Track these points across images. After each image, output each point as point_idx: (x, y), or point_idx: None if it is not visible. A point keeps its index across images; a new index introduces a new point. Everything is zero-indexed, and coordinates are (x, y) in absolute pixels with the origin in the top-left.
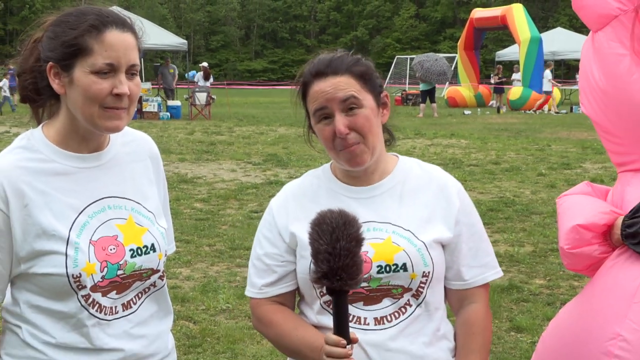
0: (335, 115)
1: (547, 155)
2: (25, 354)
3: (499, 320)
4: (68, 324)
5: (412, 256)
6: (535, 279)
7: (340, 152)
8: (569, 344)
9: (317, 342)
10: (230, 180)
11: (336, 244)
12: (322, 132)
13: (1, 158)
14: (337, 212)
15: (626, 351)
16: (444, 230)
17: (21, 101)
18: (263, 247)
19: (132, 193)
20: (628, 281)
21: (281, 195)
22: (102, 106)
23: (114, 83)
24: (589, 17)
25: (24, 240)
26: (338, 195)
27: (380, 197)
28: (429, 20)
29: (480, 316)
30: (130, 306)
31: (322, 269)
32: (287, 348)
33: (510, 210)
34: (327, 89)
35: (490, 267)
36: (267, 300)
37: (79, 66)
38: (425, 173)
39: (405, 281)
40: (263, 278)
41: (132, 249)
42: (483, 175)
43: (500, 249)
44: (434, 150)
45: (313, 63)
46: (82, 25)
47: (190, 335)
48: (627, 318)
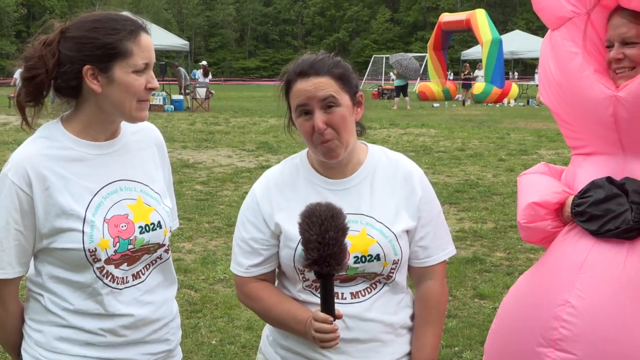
0: (315, 112)
1: (507, 143)
2: (46, 319)
3: (465, 289)
4: (84, 293)
5: (385, 247)
6: (496, 252)
7: (318, 145)
8: (525, 307)
9: (300, 315)
10: (227, 165)
11: (325, 234)
12: (302, 126)
13: (25, 147)
14: (325, 205)
15: (573, 316)
16: (409, 219)
17: (27, 101)
18: (249, 232)
19: (140, 176)
20: (576, 255)
21: (263, 183)
22: (138, 99)
23: (147, 78)
24: (547, 17)
25: (45, 219)
26: (315, 186)
27: (354, 189)
28: (402, 24)
29: (437, 292)
30: (140, 276)
31: (312, 257)
32: (273, 319)
33: (474, 191)
34: (309, 87)
35: (444, 248)
36: (252, 278)
37: (118, 67)
38: (391, 163)
39: (378, 269)
40: (249, 259)
41: (141, 226)
42: (450, 161)
43: (465, 225)
44: (407, 139)
45: (297, 63)
46: (121, 32)
47: (192, 302)
48: (575, 287)
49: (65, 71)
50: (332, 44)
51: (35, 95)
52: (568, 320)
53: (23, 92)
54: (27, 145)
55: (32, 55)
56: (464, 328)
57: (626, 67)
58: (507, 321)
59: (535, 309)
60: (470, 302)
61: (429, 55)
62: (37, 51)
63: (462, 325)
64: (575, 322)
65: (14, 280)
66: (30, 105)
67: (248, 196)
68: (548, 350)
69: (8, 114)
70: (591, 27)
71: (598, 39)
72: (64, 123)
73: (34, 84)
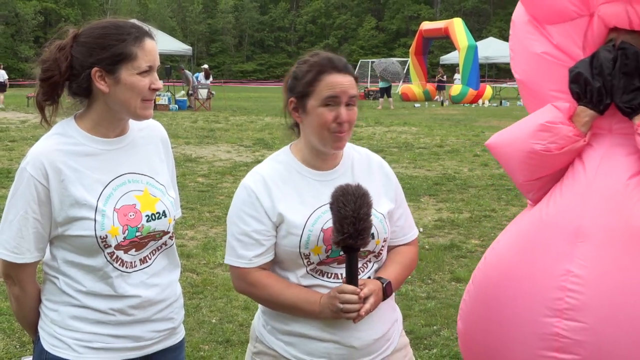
0: (341, 105)
1: (482, 140)
2: (61, 299)
3: (442, 273)
4: (96, 276)
5: (377, 227)
6: (472, 239)
7: (332, 134)
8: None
9: (312, 297)
10: (226, 159)
11: (360, 210)
12: (323, 114)
13: (42, 142)
14: (356, 185)
15: (579, 285)
16: (389, 202)
17: (44, 100)
18: (250, 225)
19: (147, 169)
20: (567, 222)
21: (258, 179)
22: (143, 99)
23: (151, 80)
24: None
25: (60, 209)
26: (306, 178)
27: (339, 179)
28: (387, 31)
29: (411, 251)
30: (146, 261)
31: (349, 231)
32: (282, 304)
33: (451, 184)
34: (345, 83)
35: (413, 227)
36: (255, 268)
37: (124, 69)
38: (362, 156)
39: (372, 247)
40: (252, 251)
41: (148, 215)
42: (429, 156)
43: (443, 215)
44: (390, 136)
45: (329, 58)
46: (128, 37)
47: (194, 284)
48: (575, 257)
49: (76, 73)
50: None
51: (50, 95)
52: (574, 290)
53: (40, 92)
54: (43, 141)
55: (48, 58)
56: (442, 309)
57: None
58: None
59: (532, 280)
60: (448, 285)
61: (410, 59)
62: (52, 55)
63: (440, 306)
64: (582, 290)
65: (32, 265)
66: (47, 104)
67: (241, 192)
68: (555, 320)
69: (27, 112)
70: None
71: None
72: (77, 120)
73: (49, 84)
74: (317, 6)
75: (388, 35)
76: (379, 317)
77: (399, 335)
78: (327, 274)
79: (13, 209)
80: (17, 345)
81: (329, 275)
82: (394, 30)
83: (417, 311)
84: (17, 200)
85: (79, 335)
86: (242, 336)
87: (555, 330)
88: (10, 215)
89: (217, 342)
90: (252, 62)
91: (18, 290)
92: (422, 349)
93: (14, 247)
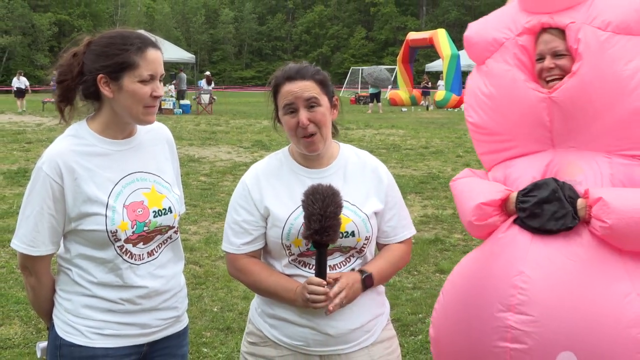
0: (300, 110)
1: (464, 142)
2: (74, 289)
3: (428, 265)
4: (106, 267)
5: (359, 225)
6: (455, 234)
7: (301, 139)
8: (479, 280)
9: (289, 285)
10: (227, 159)
11: (327, 208)
12: (288, 122)
13: (56, 144)
14: (327, 185)
15: (529, 284)
16: (377, 203)
17: (59, 102)
18: (240, 215)
19: (153, 168)
20: (524, 233)
21: (252, 174)
22: (144, 105)
23: (152, 88)
24: (479, 50)
25: (74, 205)
26: (297, 175)
27: (329, 178)
28: (376, 41)
29: (402, 249)
30: (153, 254)
31: (315, 227)
32: (264, 290)
33: (436, 182)
34: (296, 89)
35: (408, 227)
36: (243, 255)
37: (127, 77)
38: (359, 159)
39: (352, 243)
40: (241, 239)
41: (155, 211)
42: (416, 157)
43: (428, 211)
44: (379, 138)
45: (284, 70)
46: (131, 47)
47: (197, 275)
48: (527, 259)
49: (86, 79)
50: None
51: (65, 97)
52: (524, 287)
53: (57, 94)
54: (58, 142)
55: (63, 63)
56: (427, 298)
57: (556, 75)
58: (463, 294)
59: (490, 280)
60: (432, 276)
61: (398, 67)
62: (66, 61)
63: (425, 295)
64: (530, 288)
65: (47, 257)
66: (63, 105)
67: (239, 186)
68: (507, 314)
69: (42, 116)
70: (519, 49)
71: (527, 58)
72: (89, 123)
73: (63, 87)
74: (311, 17)
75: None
76: (358, 310)
77: (381, 329)
78: (309, 265)
79: (30, 205)
80: (33, 332)
81: (310, 266)
82: (383, 40)
83: (404, 300)
84: (34, 198)
85: (90, 322)
86: (241, 324)
87: (508, 322)
88: (27, 211)
89: (218, 330)
90: (251, 69)
91: (34, 281)
92: (408, 335)
93: (30, 241)
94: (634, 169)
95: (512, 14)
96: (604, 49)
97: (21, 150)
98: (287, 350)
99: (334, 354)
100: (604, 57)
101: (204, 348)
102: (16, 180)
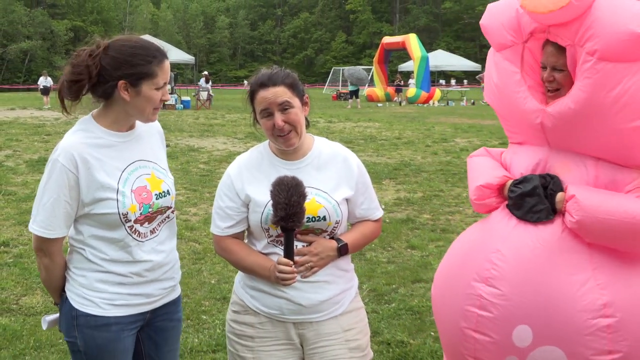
0: (275, 113)
1: (432, 133)
2: (88, 266)
3: (400, 242)
4: (117, 246)
5: (330, 210)
6: (424, 214)
7: (277, 138)
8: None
9: (265, 263)
10: (223, 149)
11: (291, 198)
12: (265, 124)
13: (69, 137)
14: (291, 176)
15: (502, 261)
16: (347, 190)
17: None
18: (224, 202)
19: (151, 157)
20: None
21: (236, 165)
22: (154, 108)
23: (163, 93)
24: (492, 41)
25: (87, 192)
26: (275, 167)
27: (304, 169)
28: (355, 44)
29: (374, 225)
30: (155, 232)
31: (280, 215)
32: (244, 267)
33: (407, 169)
34: (269, 96)
35: (377, 208)
36: (227, 237)
37: (145, 84)
38: (332, 150)
39: (324, 226)
40: (225, 222)
41: (156, 194)
42: (390, 147)
43: (401, 195)
44: (358, 130)
45: (257, 77)
46: (154, 60)
47: (196, 251)
48: (506, 240)
49: (103, 81)
50: (302, 59)
51: (75, 94)
52: (497, 264)
53: (66, 91)
54: (70, 136)
55: (80, 63)
56: (399, 271)
57: (554, 87)
58: (450, 263)
59: (473, 253)
60: (404, 251)
61: (374, 67)
62: (83, 61)
63: (397, 269)
64: (503, 266)
65: (60, 239)
66: (71, 99)
67: (224, 176)
68: (480, 285)
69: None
70: (528, 52)
71: (534, 61)
72: (96, 118)
73: (77, 86)
74: (297, 24)
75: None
76: (328, 284)
77: (349, 301)
78: None
79: (47, 193)
80: (52, 301)
81: None
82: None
83: (379, 273)
84: (51, 186)
85: (104, 295)
86: None
87: (480, 292)
88: (45, 199)
89: (215, 299)
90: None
91: (48, 261)
92: (383, 303)
93: (48, 225)
94: (617, 171)
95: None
96: (591, 76)
97: (41, 142)
98: (265, 318)
99: (306, 322)
100: (591, 82)
101: (203, 315)
102: (37, 168)
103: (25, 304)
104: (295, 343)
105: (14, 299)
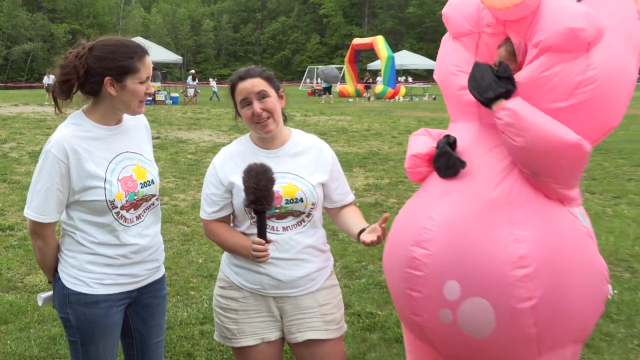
0: (253, 102)
1: (398, 126)
2: (78, 249)
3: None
4: (105, 230)
5: (306, 193)
6: (390, 198)
7: (257, 124)
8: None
9: (244, 243)
10: (209, 141)
11: (259, 182)
12: (245, 114)
13: (61, 130)
14: (260, 163)
15: (433, 226)
16: (322, 175)
17: (60, 96)
18: (210, 189)
19: (137, 148)
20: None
21: (220, 156)
22: (139, 101)
23: (147, 86)
24: (451, 28)
25: (78, 180)
26: (256, 156)
27: (283, 157)
28: (328, 45)
29: (354, 207)
30: (141, 217)
31: (251, 199)
32: (228, 247)
33: (376, 158)
34: (248, 86)
35: (350, 193)
36: (214, 221)
37: (129, 79)
38: (308, 141)
39: (301, 208)
40: (211, 207)
41: (142, 183)
42: (360, 138)
43: (370, 181)
44: (331, 123)
45: (237, 72)
46: (135, 55)
47: (185, 234)
48: (436, 207)
49: (91, 79)
50: (280, 59)
51: (66, 93)
52: (429, 228)
53: (58, 91)
54: (62, 129)
55: (67, 64)
56: (369, 249)
57: None
58: (394, 233)
59: (410, 222)
60: None
61: (345, 66)
62: (71, 62)
63: (367, 248)
64: (433, 229)
65: (53, 224)
66: (63, 98)
67: (210, 166)
68: (415, 248)
69: None
70: (483, 44)
71: (488, 53)
72: (86, 113)
73: (67, 85)
74: (275, 26)
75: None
76: (305, 262)
77: (325, 279)
78: (268, 227)
79: (40, 182)
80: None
81: (269, 227)
82: (333, 45)
83: (350, 252)
84: (44, 175)
85: (93, 275)
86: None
87: (414, 255)
88: (38, 187)
89: (202, 277)
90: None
91: (42, 243)
92: (354, 279)
93: (41, 211)
94: None
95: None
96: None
97: (43, 135)
98: (247, 293)
99: (285, 296)
100: (530, 65)
101: (192, 291)
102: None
103: (29, 282)
104: (275, 315)
105: (19, 278)
